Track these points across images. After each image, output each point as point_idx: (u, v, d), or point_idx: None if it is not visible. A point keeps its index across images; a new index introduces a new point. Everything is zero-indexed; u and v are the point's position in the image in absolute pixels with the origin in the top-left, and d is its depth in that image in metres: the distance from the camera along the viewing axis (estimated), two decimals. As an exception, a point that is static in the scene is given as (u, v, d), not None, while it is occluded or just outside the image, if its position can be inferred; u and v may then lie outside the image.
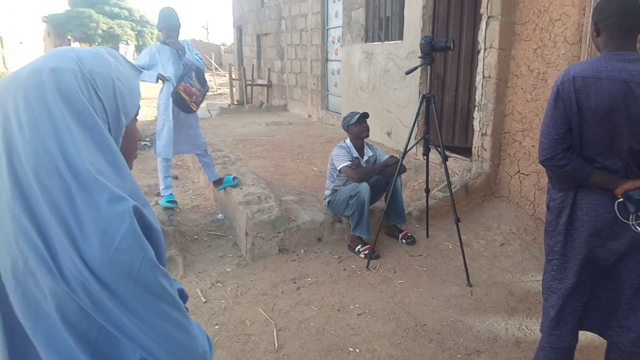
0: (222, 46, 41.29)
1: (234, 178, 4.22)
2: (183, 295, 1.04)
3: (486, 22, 4.27)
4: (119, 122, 0.82)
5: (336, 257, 3.68)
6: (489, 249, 3.80)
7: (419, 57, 3.35)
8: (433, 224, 4.09)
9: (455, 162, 4.99)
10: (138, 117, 0.93)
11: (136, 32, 40.91)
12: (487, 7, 4.24)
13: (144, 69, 3.76)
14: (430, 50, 3.24)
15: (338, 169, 3.71)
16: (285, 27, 10.53)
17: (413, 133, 3.49)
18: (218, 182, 4.24)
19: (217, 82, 24.64)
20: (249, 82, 13.58)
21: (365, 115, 3.82)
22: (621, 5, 1.69)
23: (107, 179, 0.74)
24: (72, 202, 0.70)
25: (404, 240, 3.87)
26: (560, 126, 1.73)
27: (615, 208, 1.72)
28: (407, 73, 3.45)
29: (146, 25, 42.06)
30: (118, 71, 0.83)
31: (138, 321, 0.75)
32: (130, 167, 0.90)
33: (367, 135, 3.84)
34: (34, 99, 0.73)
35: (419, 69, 3.67)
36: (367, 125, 3.83)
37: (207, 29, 50.54)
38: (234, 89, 15.22)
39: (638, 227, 1.70)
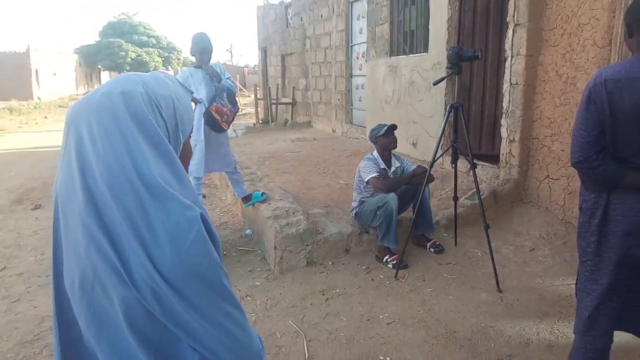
0: (245, 68, 42.19)
1: (262, 194, 4.29)
2: None
3: (513, 29, 4.25)
4: (177, 139, 0.90)
5: (364, 267, 3.67)
6: (519, 255, 3.72)
7: (446, 68, 3.36)
8: (461, 232, 4.03)
9: (483, 170, 4.93)
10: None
11: (163, 59, 42.24)
12: (514, 16, 4.23)
13: None
14: (458, 60, 3.25)
15: (365, 180, 3.72)
16: (310, 46, 10.73)
17: (440, 142, 3.47)
18: (247, 199, 4.31)
19: (242, 102, 25.17)
20: (273, 101, 13.82)
21: (393, 127, 3.84)
22: None
23: (174, 189, 0.80)
24: (144, 211, 0.77)
25: (432, 249, 3.82)
26: (593, 128, 1.71)
27: None
28: (435, 84, 3.47)
29: (173, 52, 43.41)
30: (176, 92, 0.91)
31: (202, 319, 0.81)
32: None
33: (395, 147, 3.85)
34: (106, 119, 0.80)
35: (445, 79, 3.67)
36: (395, 137, 3.84)
37: (231, 51, 51.84)
38: (259, 108, 15.51)
39: None
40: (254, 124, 14.41)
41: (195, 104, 3.95)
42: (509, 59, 4.33)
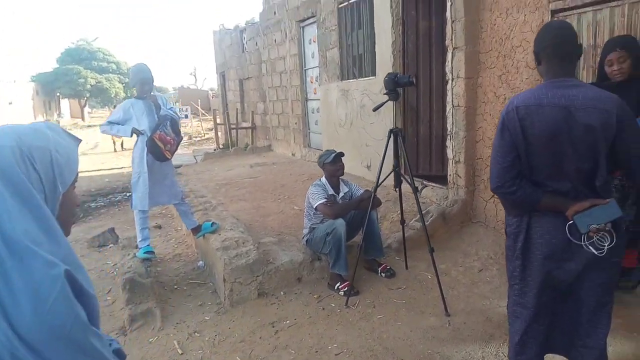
0: (210, 91, 42.05)
1: (212, 224, 4.22)
2: (120, 355, 1.07)
3: (452, 53, 4.40)
4: (55, 191, 0.89)
5: (316, 296, 3.64)
6: (468, 276, 3.78)
7: (384, 94, 3.43)
8: (412, 255, 4.07)
9: (433, 191, 5.02)
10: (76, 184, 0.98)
11: (124, 84, 41.63)
12: (452, 39, 4.38)
13: (118, 124, 3.84)
14: (395, 86, 3.33)
15: (314, 207, 3.72)
16: (266, 70, 10.77)
17: (382, 167, 3.51)
18: (197, 229, 4.23)
19: (205, 127, 24.93)
20: (233, 126, 13.76)
21: (340, 155, 3.87)
22: (556, 36, 1.76)
23: (40, 246, 0.78)
24: (4, 271, 0.75)
25: (383, 274, 3.83)
26: (508, 154, 1.77)
27: (567, 230, 1.73)
28: (374, 110, 3.54)
29: (134, 77, 42.83)
30: (56, 143, 0.90)
31: None
32: (68, 233, 0.97)
33: (342, 174, 3.88)
34: None
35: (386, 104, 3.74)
36: (342, 164, 3.87)
37: (195, 75, 51.72)
38: (219, 133, 15.41)
39: (590, 247, 1.71)
40: (214, 149, 14.29)
41: (137, 136, 3.88)
42: (450, 81, 4.47)
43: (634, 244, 2.83)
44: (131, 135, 3.88)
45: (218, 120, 15.73)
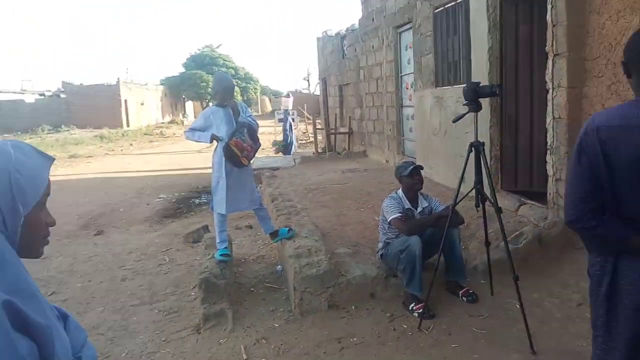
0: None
1: (289, 230, 4.24)
2: None
3: (552, 60, 3.96)
4: (15, 213, 0.85)
5: (388, 315, 3.47)
6: (563, 310, 3.34)
7: (463, 104, 3.17)
8: (500, 280, 3.69)
9: (531, 210, 4.55)
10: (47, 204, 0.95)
11: (241, 88, 44.25)
12: (553, 45, 3.94)
13: (199, 130, 4.04)
14: (476, 96, 3.07)
15: (388, 220, 3.56)
16: (363, 76, 10.78)
17: (462, 184, 3.25)
18: (274, 235, 4.29)
19: (310, 130, 25.58)
20: (332, 131, 13.94)
21: (418, 167, 3.67)
22: None
23: None
24: None
25: (464, 298, 3.54)
26: (585, 183, 1.50)
27: None
28: (454, 121, 3.30)
29: (250, 82, 45.32)
30: (18, 163, 0.87)
31: None
32: (38, 254, 0.94)
33: (420, 188, 3.68)
34: None
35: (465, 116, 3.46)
36: (421, 178, 3.67)
37: (308, 80, 53.03)
38: (319, 138, 15.70)
39: None
40: (313, 153, 14.60)
41: (217, 142, 4.03)
42: (550, 90, 4.02)
43: None
44: (211, 141, 4.05)
45: (318, 125, 16.04)
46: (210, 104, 6.88)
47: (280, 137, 16.73)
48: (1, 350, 0.73)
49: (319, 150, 14.75)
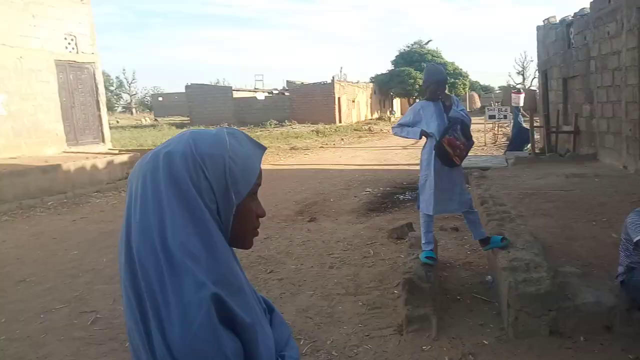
0: (537, 90, 39.20)
1: (503, 239, 3.83)
2: None
3: None
4: (229, 201, 0.84)
5: (631, 356, 2.84)
6: None
7: None
8: None
9: None
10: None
11: (449, 84, 43.11)
12: None
13: (408, 126, 3.92)
14: None
15: (634, 240, 2.90)
16: (595, 67, 9.36)
17: None
18: (485, 242, 3.95)
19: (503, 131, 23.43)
20: (553, 129, 12.40)
21: None
22: None
23: (197, 262, 0.76)
24: (164, 285, 0.75)
25: None
26: None
27: None
28: None
29: (459, 77, 43.79)
30: (233, 151, 0.85)
31: None
32: (248, 245, 0.91)
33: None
34: (149, 181, 0.81)
35: None
36: None
37: (523, 74, 48.35)
38: (536, 137, 14.15)
39: None
40: (529, 154, 13.23)
41: (427, 138, 3.86)
42: None
43: None
44: (420, 138, 3.87)
45: (536, 123, 14.45)
46: (418, 100, 6.74)
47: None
48: (209, 343, 0.72)
49: (537, 151, 13.29)
